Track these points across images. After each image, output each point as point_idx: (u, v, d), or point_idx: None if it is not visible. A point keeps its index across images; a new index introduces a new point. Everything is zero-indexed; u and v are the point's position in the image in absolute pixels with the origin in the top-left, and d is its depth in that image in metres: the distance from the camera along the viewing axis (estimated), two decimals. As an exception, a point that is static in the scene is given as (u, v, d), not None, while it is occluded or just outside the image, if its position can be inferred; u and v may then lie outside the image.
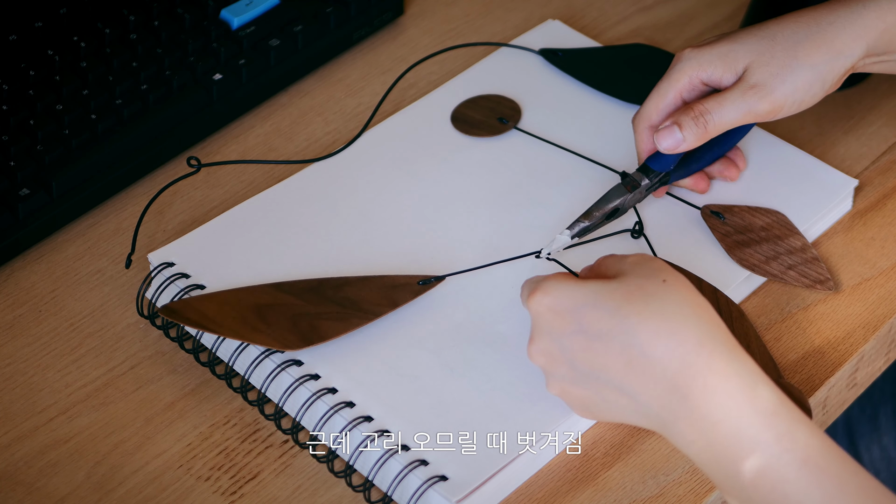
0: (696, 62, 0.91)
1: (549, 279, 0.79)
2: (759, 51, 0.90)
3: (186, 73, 1.03)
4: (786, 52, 0.90)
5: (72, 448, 0.85)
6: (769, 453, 0.73)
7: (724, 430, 0.73)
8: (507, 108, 1.02)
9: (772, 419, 0.73)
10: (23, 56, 1.03)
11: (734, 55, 0.90)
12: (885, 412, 1.16)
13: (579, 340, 0.77)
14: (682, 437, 0.75)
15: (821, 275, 0.92)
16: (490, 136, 1.00)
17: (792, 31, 0.90)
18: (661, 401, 0.75)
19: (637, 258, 0.79)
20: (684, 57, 0.92)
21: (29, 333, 0.91)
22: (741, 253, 0.92)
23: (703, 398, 0.74)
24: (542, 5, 1.15)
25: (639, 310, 0.76)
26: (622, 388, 0.77)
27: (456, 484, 0.80)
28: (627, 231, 0.94)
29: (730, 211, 0.94)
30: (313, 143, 1.03)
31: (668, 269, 0.78)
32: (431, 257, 0.92)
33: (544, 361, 0.80)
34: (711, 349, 0.74)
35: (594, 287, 0.77)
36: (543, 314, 0.79)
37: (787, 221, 0.94)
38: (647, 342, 0.75)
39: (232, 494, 0.83)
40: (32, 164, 0.96)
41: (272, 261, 0.92)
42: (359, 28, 1.10)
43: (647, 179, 0.93)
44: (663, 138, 0.90)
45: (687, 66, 0.91)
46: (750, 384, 0.74)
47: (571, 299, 0.78)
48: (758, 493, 0.73)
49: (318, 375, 0.85)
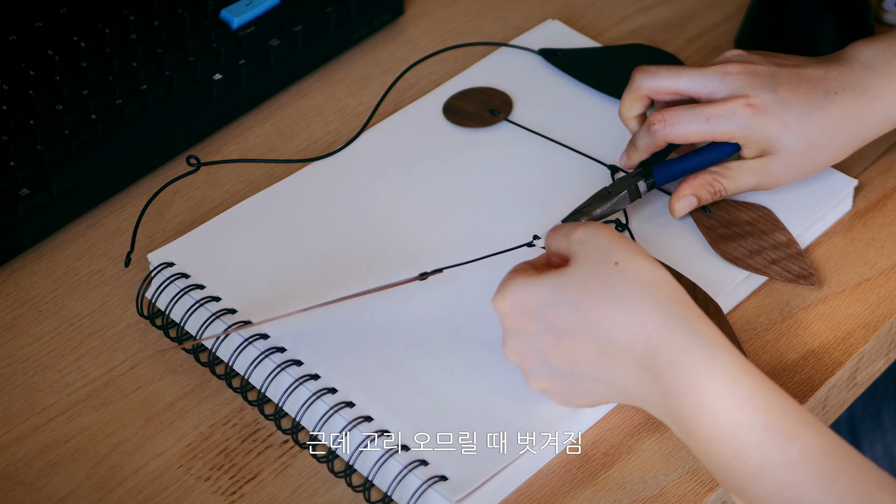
0: (743, 135, 0.91)
1: (508, 279, 0.80)
2: (794, 150, 0.91)
3: (186, 73, 1.03)
4: (813, 158, 0.92)
5: (72, 448, 0.85)
6: (732, 420, 0.74)
7: (689, 403, 0.75)
8: (498, 100, 1.03)
9: (732, 387, 0.74)
10: (23, 56, 1.03)
11: (772, 144, 0.91)
12: (888, 410, 1.16)
13: (547, 339, 0.79)
14: (659, 412, 0.77)
15: (804, 269, 0.92)
16: (481, 128, 1.01)
17: (829, 137, 0.92)
18: (636, 382, 0.77)
19: (581, 234, 0.79)
20: (737, 118, 0.91)
21: (29, 333, 0.91)
22: (725, 246, 0.92)
23: (667, 375, 0.75)
24: (541, 5, 1.15)
25: (597, 301, 0.77)
26: (597, 377, 0.78)
27: (456, 484, 0.80)
28: (612, 223, 0.94)
29: (715, 205, 0.95)
30: (313, 143, 1.03)
31: (616, 245, 0.78)
32: (431, 255, 0.92)
33: (519, 360, 0.81)
34: (672, 326, 0.75)
35: (551, 282, 0.78)
36: (508, 315, 0.80)
37: (772, 216, 0.94)
38: (611, 331, 0.76)
39: (232, 494, 0.83)
40: (32, 164, 0.96)
41: (272, 260, 0.92)
42: (359, 28, 1.10)
43: (645, 183, 0.94)
44: (682, 206, 0.93)
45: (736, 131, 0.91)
46: (709, 355, 0.75)
47: (531, 299, 0.79)
48: (724, 458, 0.74)
49: (318, 375, 0.85)
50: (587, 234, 0.79)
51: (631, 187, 0.93)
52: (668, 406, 0.76)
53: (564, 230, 0.81)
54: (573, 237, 0.80)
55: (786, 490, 0.73)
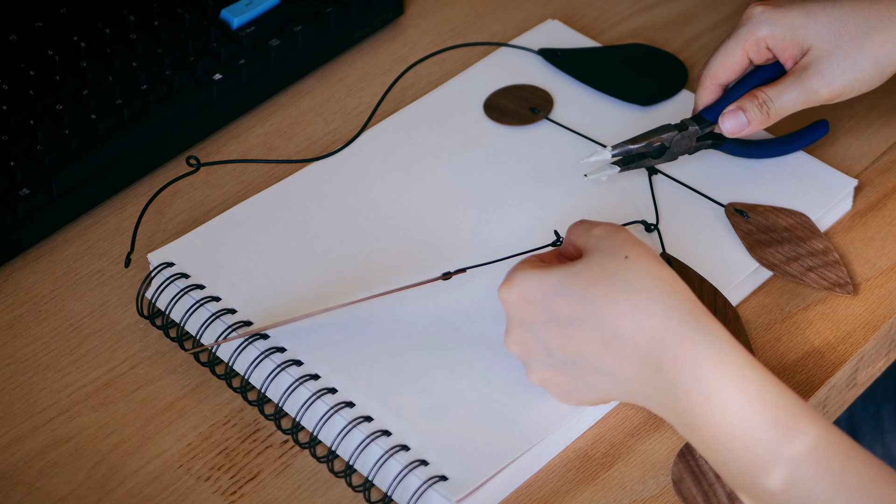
0: (767, 27, 0.92)
1: (516, 270, 0.80)
2: (828, 36, 0.91)
3: (186, 73, 1.03)
4: (852, 44, 0.91)
5: (72, 448, 0.85)
6: (740, 416, 0.73)
7: (696, 398, 0.74)
8: (539, 98, 1.03)
9: (741, 382, 0.74)
10: (23, 56, 1.03)
11: (804, 32, 0.92)
12: (887, 411, 1.16)
13: (552, 328, 0.78)
14: (662, 409, 0.77)
15: (840, 278, 0.92)
16: (521, 126, 1.01)
17: (864, 19, 0.91)
18: (639, 376, 0.76)
19: (602, 230, 0.80)
20: (755, 17, 0.93)
21: (29, 333, 0.91)
22: (762, 252, 0.92)
23: (674, 369, 0.75)
24: (541, 5, 1.15)
25: (604, 291, 0.76)
26: (599, 369, 0.78)
27: (456, 484, 0.80)
28: (641, 223, 0.94)
29: (754, 210, 0.94)
30: (313, 143, 1.03)
31: (630, 242, 0.78)
32: (432, 255, 0.92)
33: (521, 351, 0.81)
34: (678, 320, 0.75)
35: (560, 272, 0.78)
36: (514, 304, 0.80)
37: (810, 223, 0.94)
38: (615, 322, 0.76)
39: (232, 494, 0.83)
40: (32, 164, 0.96)
41: (272, 260, 0.92)
42: (359, 28, 1.10)
43: (697, 126, 0.95)
44: (728, 121, 0.93)
45: (756, 28, 0.93)
46: (717, 350, 0.74)
47: (539, 287, 0.78)
48: (732, 455, 0.74)
49: (318, 375, 0.85)
50: (606, 231, 0.79)
51: (682, 124, 0.95)
52: (672, 402, 0.75)
53: (587, 225, 0.81)
54: (593, 232, 0.80)
55: (795, 486, 0.72)
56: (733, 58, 0.94)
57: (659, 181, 0.97)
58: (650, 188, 0.96)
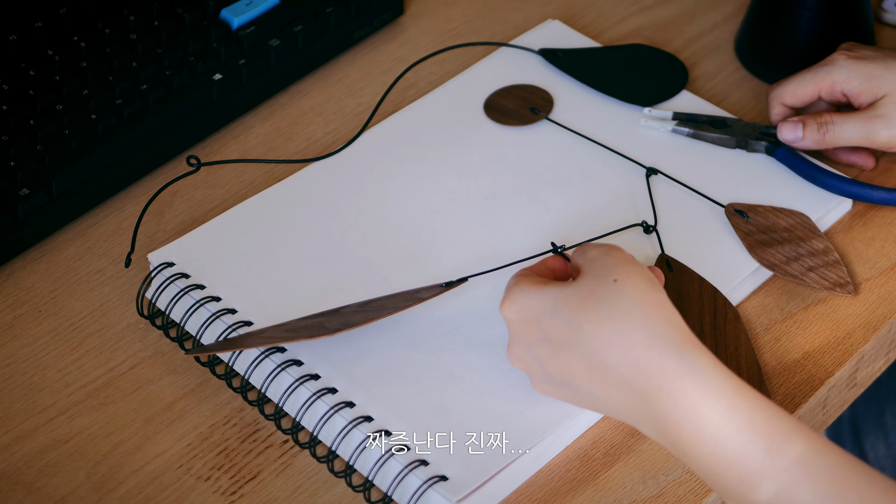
0: (846, 74, 0.96)
1: (514, 286, 0.80)
2: None
3: (186, 73, 1.03)
4: None
5: (72, 448, 0.85)
6: (732, 447, 0.73)
7: (686, 430, 0.74)
8: (539, 98, 1.03)
9: (729, 412, 0.74)
10: (23, 56, 1.03)
11: (880, 81, 0.95)
12: (891, 410, 1.16)
13: (546, 348, 0.79)
14: (655, 435, 0.77)
15: (841, 278, 0.92)
16: (521, 126, 1.01)
17: None
18: (627, 405, 0.76)
19: (595, 252, 0.80)
20: (838, 64, 0.97)
21: (29, 333, 0.91)
22: (763, 252, 0.92)
23: (660, 401, 0.75)
24: (542, 5, 1.15)
25: (591, 317, 0.77)
26: (590, 393, 0.78)
27: (456, 484, 0.80)
28: (640, 225, 0.94)
29: (754, 210, 0.94)
30: (313, 143, 1.03)
31: (622, 264, 0.78)
32: (432, 256, 0.92)
33: (522, 366, 0.82)
34: (661, 350, 0.75)
35: (553, 294, 0.78)
36: (514, 322, 0.80)
37: (810, 223, 0.94)
38: (602, 350, 0.76)
39: (232, 494, 0.83)
40: (32, 164, 0.96)
41: (272, 260, 0.92)
42: (359, 28, 1.10)
43: (755, 140, 0.99)
44: (785, 128, 0.97)
45: (834, 72, 0.97)
46: (703, 380, 0.74)
47: (533, 308, 0.79)
48: (729, 483, 0.74)
49: (318, 375, 0.85)
50: (599, 253, 0.80)
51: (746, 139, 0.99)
52: (663, 430, 0.75)
53: (584, 247, 0.81)
54: (588, 254, 0.80)
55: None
56: (804, 90, 0.98)
57: (659, 182, 0.97)
58: (648, 189, 0.96)
